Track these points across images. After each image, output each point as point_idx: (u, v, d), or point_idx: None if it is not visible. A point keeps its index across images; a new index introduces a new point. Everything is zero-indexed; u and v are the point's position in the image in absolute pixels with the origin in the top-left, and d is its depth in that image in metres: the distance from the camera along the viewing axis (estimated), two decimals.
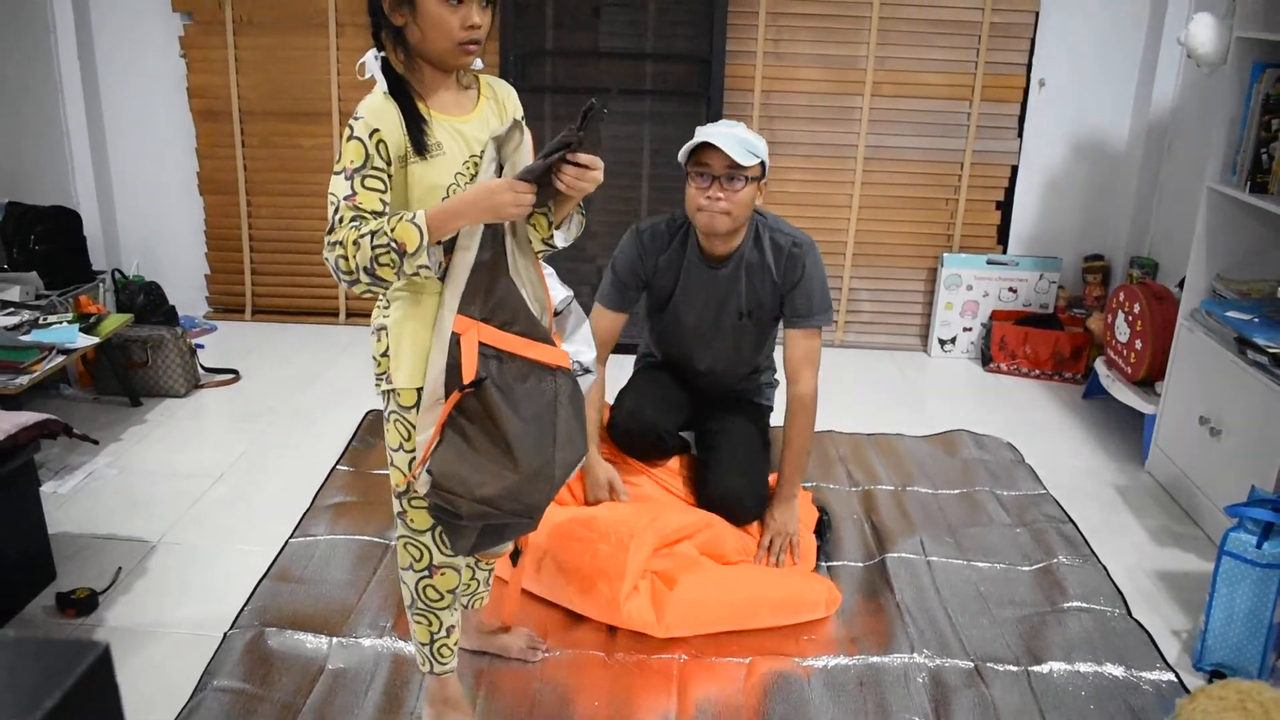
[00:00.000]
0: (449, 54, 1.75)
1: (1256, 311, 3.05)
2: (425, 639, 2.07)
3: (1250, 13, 3.07)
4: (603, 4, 4.37)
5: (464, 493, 1.80)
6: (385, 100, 1.73)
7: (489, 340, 1.83)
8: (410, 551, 1.98)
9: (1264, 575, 2.34)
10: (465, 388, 1.80)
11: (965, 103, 4.47)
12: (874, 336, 4.77)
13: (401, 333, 1.85)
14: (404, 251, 1.68)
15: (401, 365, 1.85)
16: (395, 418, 1.89)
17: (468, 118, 1.84)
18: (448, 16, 1.71)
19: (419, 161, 1.75)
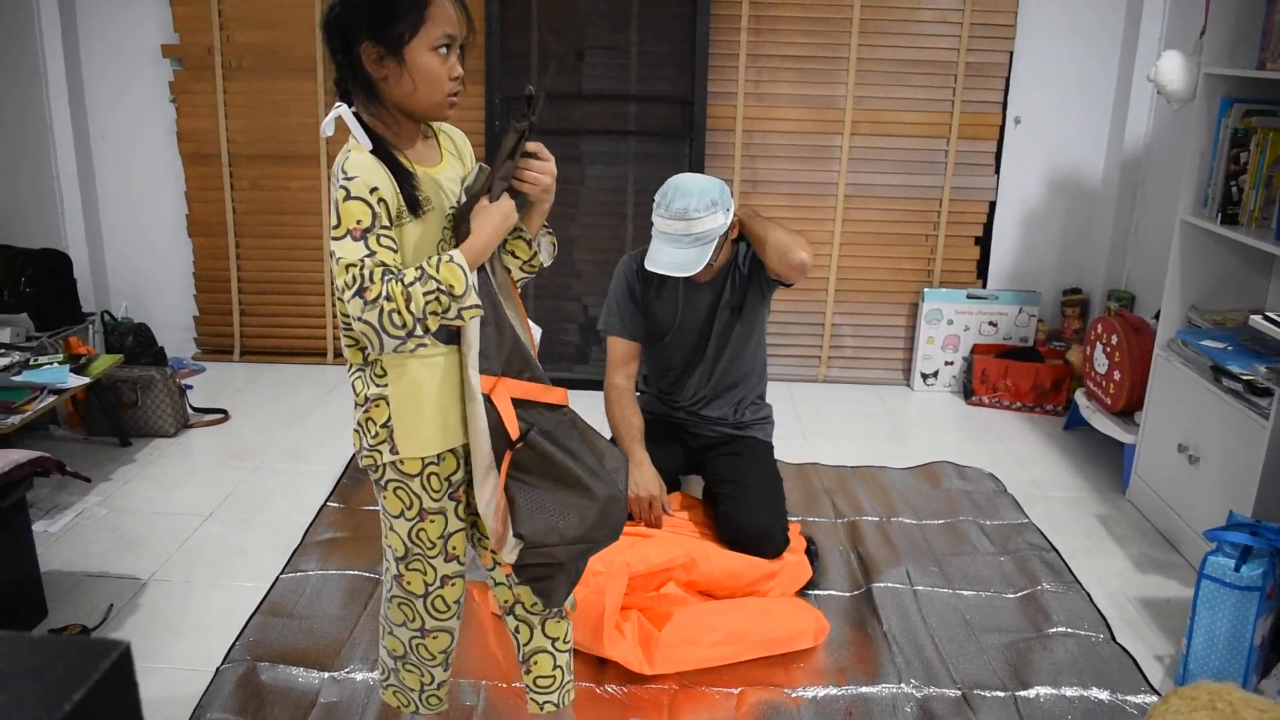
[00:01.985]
0: (438, 107, 1.71)
1: (1231, 340, 3.11)
2: (415, 686, 2.05)
3: (1217, 50, 3.16)
4: (586, 47, 4.45)
5: (558, 540, 1.80)
6: (372, 159, 1.66)
7: (516, 393, 1.79)
8: (404, 611, 1.96)
9: (1243, 598, 2.38)
10: (514, 445, 1.77)
11: (943, 140, 4.55)
12: (857, 371, 4.82)
13: (404, 401, 1.77)
14: (452, 295, 1.62)
15: (408, 434, 1.78)
16: (395, 485, 1.83)
17: (440, 167, 1.80)
18: (438, 68, 1.66)
19: (412, 221, 1.69)
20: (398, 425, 1.78)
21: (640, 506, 2.80)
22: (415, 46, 1.63)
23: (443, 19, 1.64)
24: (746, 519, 2.80)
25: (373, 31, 1.63)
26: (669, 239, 2.72)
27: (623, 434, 2.91)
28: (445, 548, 1.91)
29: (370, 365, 1.78)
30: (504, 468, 1.78)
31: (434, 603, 1.94)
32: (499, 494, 1.78)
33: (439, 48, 1.65)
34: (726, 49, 4.45)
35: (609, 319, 3.00)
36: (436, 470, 1.84)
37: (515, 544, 1.81)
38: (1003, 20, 4.41)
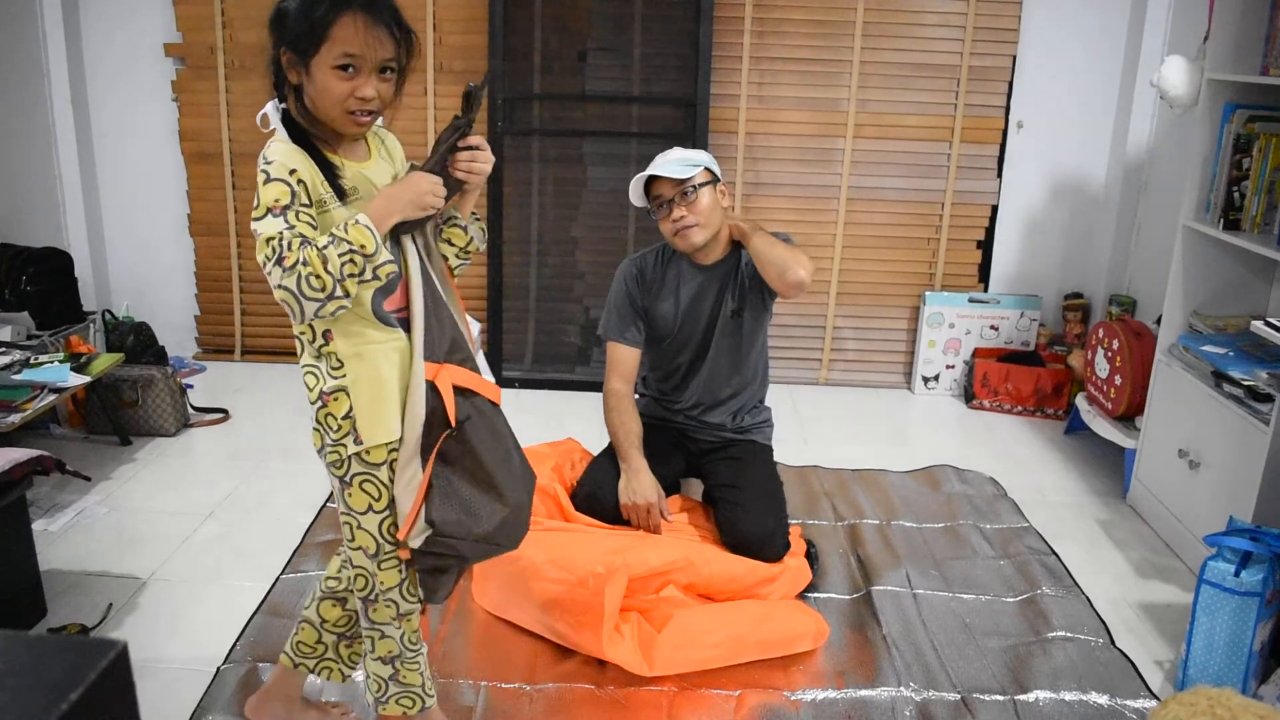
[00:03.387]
0: (338, 121, 1.74)
1: (1232, 346, 3.11)
2: (417, 681, 2.06)
3: (1220, 55, 3.16)
4: (589, 49, 4.45)
5: (464, 534, 1.84)
6: (293, 147, 1.71)
7: (459, 381, 1.84)
8: (387, 609, 1.97)
9: (1242, 603, 2.38)
10: (451, 431, 1.82)
11: (945, 144, 4.55)
12: (858, 374, 4.82)
13: (364, 389, 1.80)
14: (365, 254, 1.67)
15: (372, 421, 1.81)
16: (362, 478, 1.85)
17: (368, 164, 1.84)
18: (336, 86, 1.69)
19: (341, 207, 1.75)
20: (360, 414, 1.80)
21: (638, 514, 2.80)
22: (317, 63, 1.68)
23: (346, 40, 1.67)
24: (747, 524, 2.79)
25: (287, 39, 1.70)
26: (660, 163, 2.78)
27: (621, 440, 2.90)
28: None
29: (324, 358, 1.81)
30: (434, 454, 1.82)
31: (408, 589, 1.96)
32: (424, 478, 1.82)
33: (341, 66, 1.68)
34: (729, 51, 4.45)
35: (608, 324, 2.99)
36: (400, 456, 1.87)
37: (423, 530, 1.84)
38: (1006, 24, 4.41)
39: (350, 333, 1.80)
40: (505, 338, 4.61)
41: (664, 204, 2.79)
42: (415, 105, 4.51)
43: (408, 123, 4.53)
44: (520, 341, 4.67)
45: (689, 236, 2.78)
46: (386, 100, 1.76)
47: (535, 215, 4.59)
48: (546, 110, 4.51)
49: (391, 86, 1.76)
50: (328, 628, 2.18)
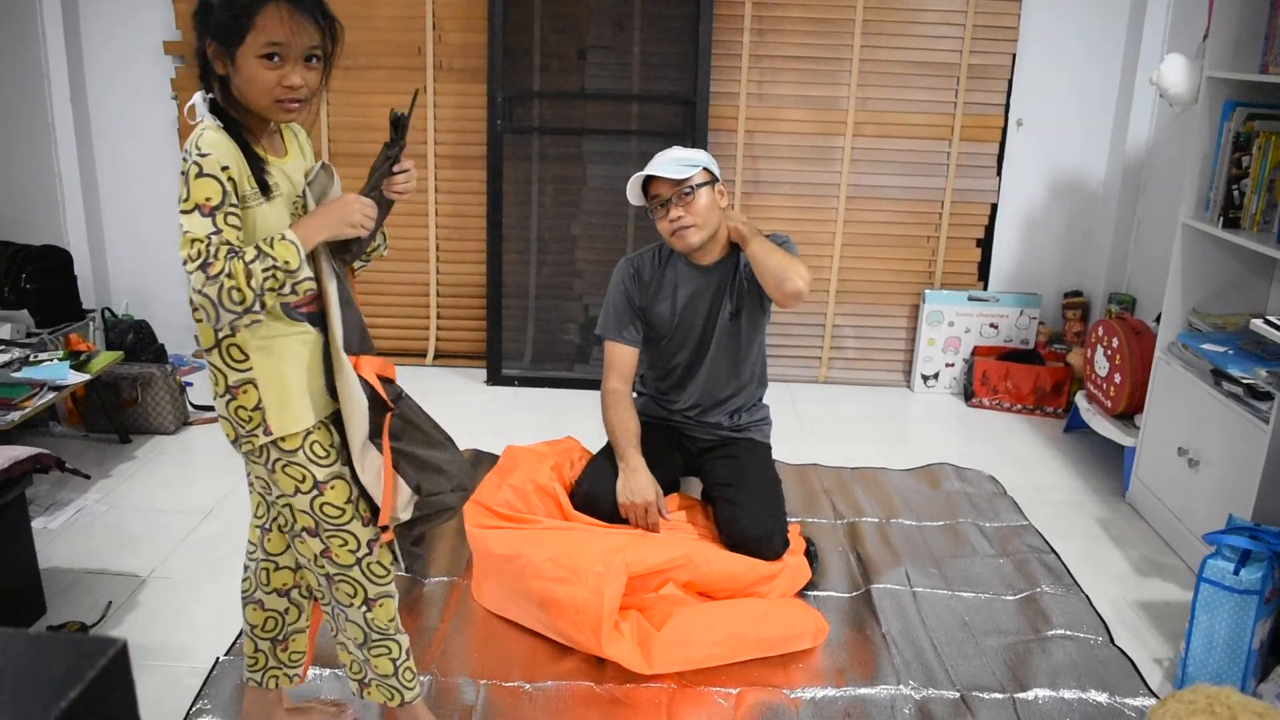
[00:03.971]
0: (266, 109, 1.75)
1: (1231, 344, 3.11)
2: (389, 670, 2.06)
3: (1219, 53, 3.16)
4: (588, 47, 4.45)
5: (447, 487, 1.98)
6: (224, 136, 1.72)
7: (374, 368, 1.92)
8: (345, 589, 1.97)
9: (1242, 601, 2.38)
10: (390, 410, 1.91)
11: (945, 142, 4.55)
12: (858, 372, 4.82)
13: (272, 380, 1.83)
14: (288, 270, 1.70)
15: (281, 411, 1.83)
16: (283, 464, 1.86)
17: (286, 159, 1.87)
18: (263, 75, 1.70)
19: (264, 203, 1.76)
20: (269, 406, 1.83)
21: (636, 512, 2.79)
22: (243, 52, 1.69)
23: (271, 29, 1.68)
24: (746, 523, 2.79)
25: (211, 30, 1.70)
26: (658, 162, 2.78)
27: (618, 438, 2.90)
28: (357, 512, 1.93)
29: (227, 350, 1.81)
30: (385, 434, 1.90)
31: (370, 568, 1.97)
32: (386, 459, 1.90)
33: (266, 55, 1.69)
34: (729, 49, 4.45)
35: (606, 323, 2.99)
36: (317, 438, 1.88)
37: (411, 499, 1.94)
38: (1005, 23, 4.41)
39: (262, 333, 1.82)
40: (504, 336, 4.61)
41: (662, 204, 2.78)
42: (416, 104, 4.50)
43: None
44: (519, 340, 4.67)
45: (686, 237, 2.77)
46: (313, 88, 1.77)
47: (534, 213, 4.59)
48: (546, 108, 4.51)
49: (318, 75, 1.77)
50: (257, 634, 2.17)
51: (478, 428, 4.04)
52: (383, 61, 4.50)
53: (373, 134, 4.56)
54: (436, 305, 4.79)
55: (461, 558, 2.98)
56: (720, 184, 2.85)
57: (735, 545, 2.78)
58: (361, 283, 4.73)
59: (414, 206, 4.66)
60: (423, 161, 4.59)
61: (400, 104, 1.96)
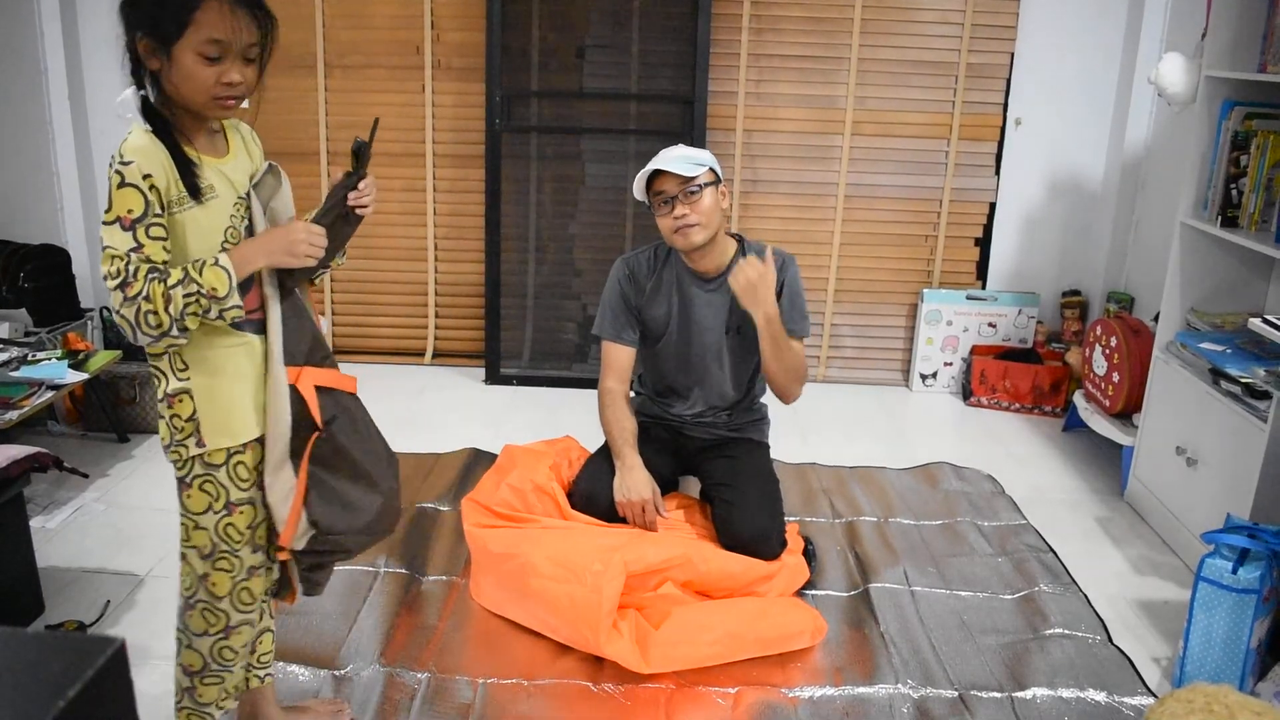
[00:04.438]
0: (204, 107, 1.69)
1: (1229, 343, 3.11)
2: (211, 699, 1.99)
3: (1218, 52, 3.16)
4: (587, 46, 4.45)
5: (347, 529, 1.89)
6: (151, 141, 1.66)
7: (321, 381, 1.85)
8: (207, 618, 1.92)
9: (1240, 600, 2.38)
10: (320, 431, 1.84)
11: (943, 141, 4.55)
12: (856, 371, 4.82)
13: (209, 392, 1.78)
14: (214, 297, 1.66)
15: (215, 425, 1.79)
16: (202, 479, 1.82)
17: (226, 159, 1.80)
18: (202, 71, 1.65)
19: (194, 206, 1.70)
20: (204, 417, 1.79)
21: (632, 511, 2.79)
22: (180, 48, 1.63)
23: (211, 25, 1.63)
24: (743, 523, 2.79)
25: (144, 25, 1.64)
26: (666, 158, 2.77)
27: (615, 437, 2.90)
28: (253, 538, 1.90)
29: (170, 358, 1.77)
30: (306, 456, 1.83)
31: (240, 595, 1.93)
32: (300, 483, 1.84)
33: (205, 53, 1.64)
34: (728, 48, 4.45)
35: (602, 322, 2.99)
36: (243, 459, 1.84)
37: (307, 530, 1.86)
38: (1004, 21, 4.41)
39: (200, 340, 1.77)
40: (503, 335, 4.61)
41: (666, 200, 2.77)
42: (414, 104, 4.51)
43: (407, 121, 4.53)
44: (518, 339, 4.67)
45: (689, 235, 2.77)
46: (251, 85, 1.72)
47: (533, 212, 4.59)
48: (544, 107, 4.51)
49: (255, 71, 1.73)
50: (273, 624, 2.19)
51: (476, 427, 4.04)
52: (381, 61, 4.50)
53: None
54: (435, 304, 4.79)
55: (460, 557, 2.98)
56: (723, 185, 2.85)
57: (733, 545, 2.78)
58: (360, 282, 4.75)
59: (413, 206, 4.66)
60: (421, 161, 4.59)
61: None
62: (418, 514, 3.24)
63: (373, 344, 4.84)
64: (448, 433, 3.93)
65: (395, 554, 2.97)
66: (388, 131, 4.57)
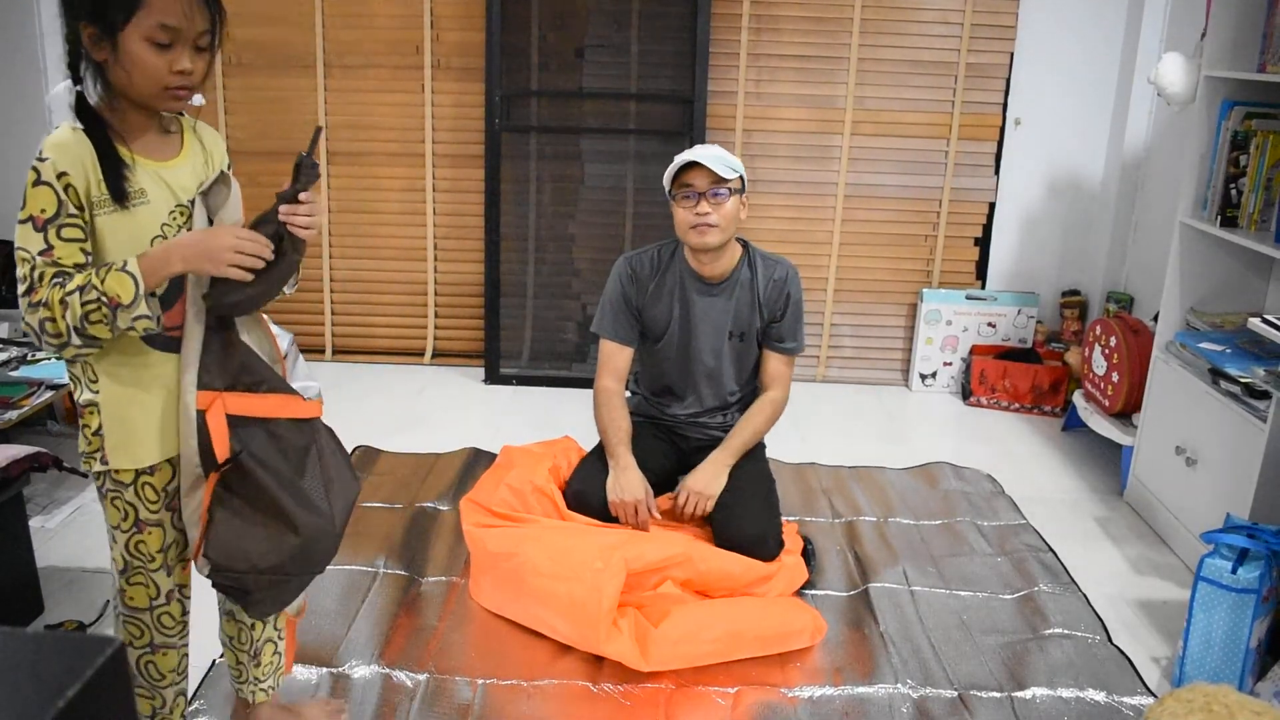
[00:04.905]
0: (155, 98, 1.60)
1: (1229, 343, 3.11)
2: (147, 712, 1.95)
3: (1217, 52, 3.16)
4: (587, 45, 4.44)
5: (248, 568, 1.76)
6: (75, 136, 1.57)
7: (238, 409, 1.73)
8: (130, 630, 1.87)
9: (1239, 600, 2.38)
10: (221, 466, 1.72)
11: (943, 141, 4.55)
12: (855, 371, 4.82)
13: (115, 410, 1.70)
14: (118, 305, 1.55)
15: (118, 445, 1.72)
16: (112, 495, 1.77)
17: (172, 163, 1.70)
18: (153, 60, 1.55)
19: (117, 211, 1.60)
20: (108, 434, 1.71)
21: (625, 511, 2.79)
22: (129, 34, 1.53)
23: (162, 9, 1.54)
24: (740, 526, 2.79)
25: (89, 12, 1.54)
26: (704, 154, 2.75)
27: (609, 436, 2.89)
28: (166, 561, 1.84)
29: (83, 366, 1.69)
30: (209, 486, 1.73)
31: (160, 618, 1.87)
32: (202, 512, 1.75)
33: (156, 39, 1.54)
34: (727, 48, 4.45)
35: (602, 320, 2.98)
36: (151, 480, 1.78)
37: (205, 562, 1.77)
38: (1004, 21, 4.41)
39: (111, 353, 1.68)
40: (502, 335, 4.61)
41: (693, 195, 2.76)
42: (414, 103, 4.51)
43: (407, 121, 4.53)
44: (517, 338, 4.67)
45: (705, 235, 2.76)
46: (201, 75, 1.63)
47: (532, 212, 4.59)
48: (544, 107, 4.51)
49: (206, 61, 1.63)
50: (235, 645, 2.13)
51: (476, 427, 4.04)
52: (381, 60, 4.50)
53: (372, 133, 4.56)
54: (435, 304, 4.78)
55: (459, 557, 2.98)
56: (745, 196, 2.86)
57: (731, 546, 2.78)
58: (360, 281, 4.75)
59: (412, 206, 4.66)
60: (421, 160, 4.59)
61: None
62: (417, 514, 3.24)
63: (372, 344, 4.84)
64: (447, 433, 3.93)
65: (395, 554, 2.97)
66: (389, 131, 4.57)
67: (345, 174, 4.63)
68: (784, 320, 2.93)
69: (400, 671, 2.45)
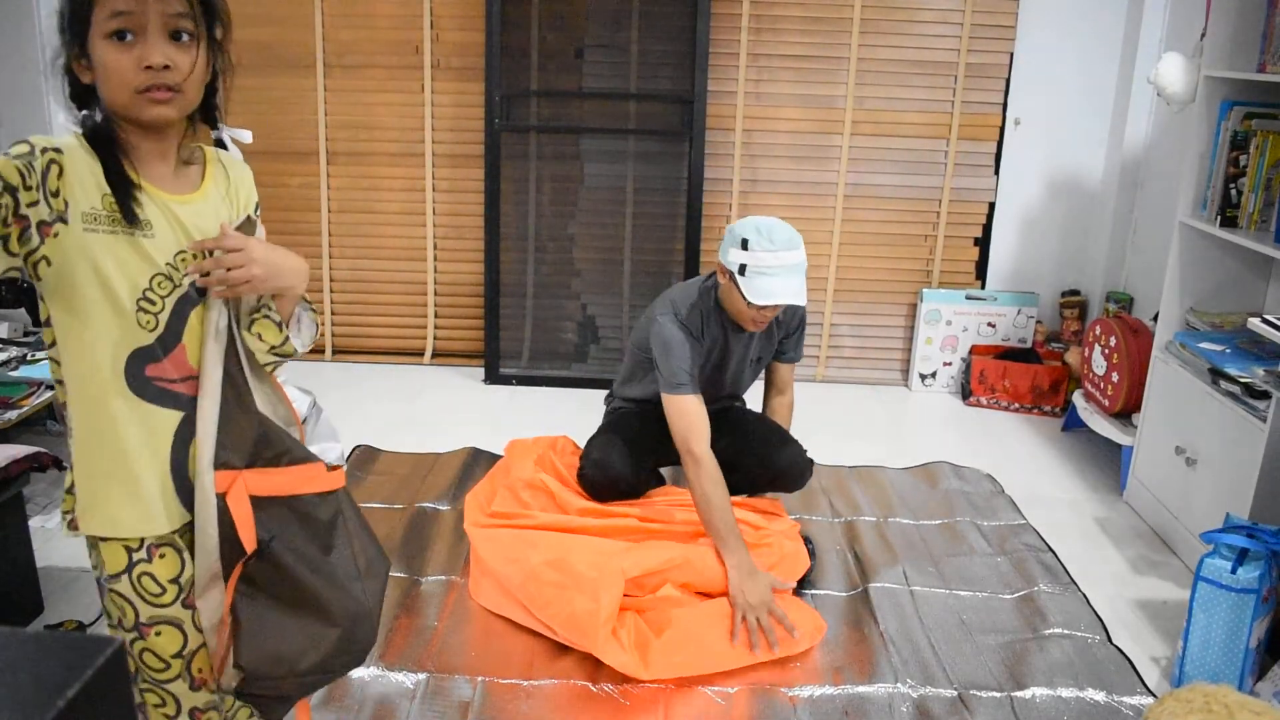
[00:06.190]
0: (133, 107, 1.35)
1: (1228, 343, 3.11)
2: None
3: (1217, 52, 3.16)
4: (586, 45, 4.44)
5: (286, 673, 1.52)
6: (82, 145, 1.36)
7: (260, 490, 1.49)
8: (152, 698, 1.54)
9: (1239, 600, 2.38)
10: (248, 558, 1.48)
11: (943, 141, 4.55)
12: (855, 371, 4.82)
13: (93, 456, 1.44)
14: None
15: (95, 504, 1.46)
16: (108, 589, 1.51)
17: (188, 198, 1.46)
18: (116, 59, 1.33)
19: (118, 234, 1.36)
20: (81, 487, 1.45)
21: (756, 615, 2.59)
22: (93, 39, 1.33)
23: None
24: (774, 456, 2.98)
25: (62, 28, 1.36)
26: (787, 270, 2.67)
27: (723, 526, 2.69)
28: (187, 671, 1.53)
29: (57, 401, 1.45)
30: (232, 582, 1.48)
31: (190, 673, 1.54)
32: (224, 614, 1.49)
33: (115, 33, 1.32)
34: (727, 48, 4.45)
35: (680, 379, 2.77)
36: (149, 569, 1.48)
37: (235, 674, 1.51)
38: (1003, 21, 4.41)
39: (86, 395, 1.42)
40: (502, 335, 4.61)
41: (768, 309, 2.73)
42: (413, 103, 4.51)
43: (406, 121, 4.53)
44: (517, 338, 4.67)
45: (760, 327, 2.82)
46: (185, 71, 1.36)
47: (532, 212, 4.59)
48: (544, 107, 4.50)
49: (192, 56, 1.37)
50: None
51: (475, 427, 4.04)
52: (380, 60, 4.50)
53: (371, 133, 4.56)
54: (434, 304, 4.78)
55: (459, 556, 2.98)
56: None
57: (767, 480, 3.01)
58: (359, 282, 4.75)
59: (412, 206, 4.66)
60: (420, 160, 4.59)
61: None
62: (417, 514, 3.24)
63: (372, 344, 4.84)
64: (447, 433, 3.93)
65: (394, 555, 2.97)
66: (388, 131, 4.57)
67: (345, 174, 4.63)
68: (793, 337, 3.07)
69: (400, 673, 2.45)
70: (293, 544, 1.52)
